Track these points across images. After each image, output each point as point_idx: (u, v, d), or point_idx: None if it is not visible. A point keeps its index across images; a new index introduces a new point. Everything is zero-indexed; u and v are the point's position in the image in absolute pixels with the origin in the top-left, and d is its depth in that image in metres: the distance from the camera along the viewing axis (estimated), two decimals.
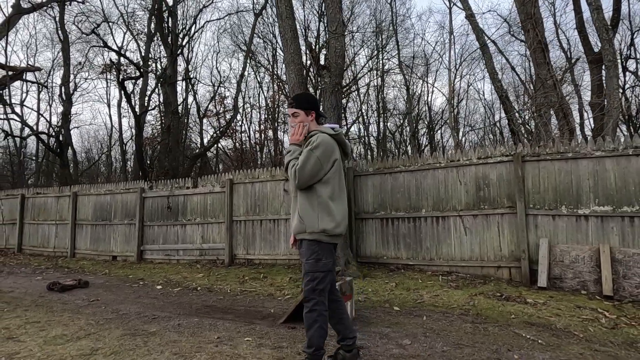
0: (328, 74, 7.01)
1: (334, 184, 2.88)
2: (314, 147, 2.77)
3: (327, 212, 2.80)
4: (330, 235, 2.80)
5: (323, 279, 2.77)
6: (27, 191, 13.19)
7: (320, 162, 2.77)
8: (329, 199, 2.83)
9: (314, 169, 2.76)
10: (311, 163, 2.75)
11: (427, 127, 25.81)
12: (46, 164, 28.18)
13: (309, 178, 2.77)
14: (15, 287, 7.11)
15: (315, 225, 2.78)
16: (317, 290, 2.75)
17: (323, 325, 2.76)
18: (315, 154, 2.76)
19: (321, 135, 2.85)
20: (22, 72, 18.92)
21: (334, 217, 2.81)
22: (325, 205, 2.80)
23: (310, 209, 2.81)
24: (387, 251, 7.47)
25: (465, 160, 6.95)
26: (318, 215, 2.79)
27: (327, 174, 2.84)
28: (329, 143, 2.84)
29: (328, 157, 2.82)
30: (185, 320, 4.61)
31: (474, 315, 4.70)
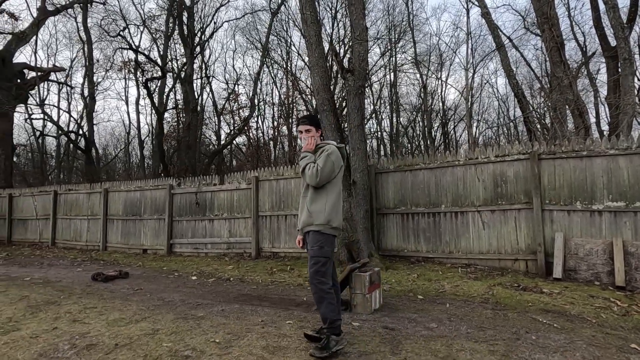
0: (352, 77, 7.39)
1: (340, 186, 3.49)
2: (330, 153, 3.38)
3: (333, 208, 3.37)
4: (333, 227, 3.36)
5: (325, 263, 3.29)
6: (59, 188, 13.85)
7: (334, 165, 3.37)
8: (336, 198, 3.42)
9: (330, 171, 3.35)
10: (329, 165, 3.34)
11: (441, 123, 25.98)
12: (67, 161, 29.05)
13: (326, 178, 3.35)
14: (61, 277, 7.66)
15: (323, 219, 3.32)
16: (320, 272, 3.26)
17: (331, 300, 3.24)
18: (331, 158, 3.36)
19: (332, 147, 3.48)
20: (48, 72, 19.66)
21: (338, 213, 3.41)
22: (333, 203, 3.38)
23: (321, 205, 3.36)
24: (408, 244, 7.85)
25: (483, 158, 7.28)
26: (326, 210, 3.34)
27: (336, 176, 3.44)
28: (338, 152, 3.47)
29: (339, 162, 3.44)
30: (227, 307, 5.06)
31: (494, 303, 5.07)
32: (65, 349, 3.66)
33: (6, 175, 16.40)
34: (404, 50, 23.68)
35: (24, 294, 5.89)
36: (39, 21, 18.00)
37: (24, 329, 4.30)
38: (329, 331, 3.21)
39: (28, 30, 18.27)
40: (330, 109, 7.63)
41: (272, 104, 27.13)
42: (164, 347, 3.52)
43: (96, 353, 3.52)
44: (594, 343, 3.53)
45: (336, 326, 3.22)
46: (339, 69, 7.62)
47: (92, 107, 20.94)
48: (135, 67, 20.70)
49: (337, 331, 3.23)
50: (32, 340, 3.94)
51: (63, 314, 4.78)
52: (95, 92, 24.25)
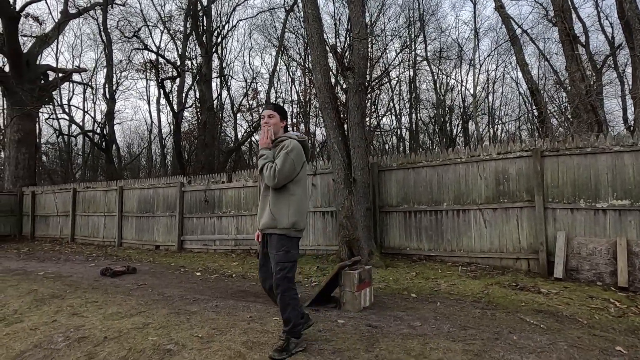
0: (352, 75, 7.40)
1: (303, 184, 3.29)
2: (289, 151, 3.14)
3: (297, 209, 3.18)
4: (298, 230, 3.19)
5: (291, 268, 3.15)
6: (78, 185, 14.35)
7: (294, 163, 3.14)
8: (300, 199, 3.22)
9: (290, 170, 3.12)
10: (288, 165, 3.11)
11: (461, 118, 25.54)
12: (92, 159, 29.97)
13: (286, 178, 3.13)
14: (72, 272, 7.96)
15: (287, 222, 3.12)
16: (286, 277, 3.11)
17: (295, 306, 3.15)
18: (291, 156, 3.13)
19: (292, 141, 3.22)
20: (70, 73, 20.32)
21: (302, 213, 3.21)
22: (296, 203, 3.18)
23: (284, 207, 3.15)
24: (410, 243, 7.82)
25: (485, 155, 7.17)
26: (289, 212, 3.14)
27: (299, 174, 3.22)
28: (299, 147, 3.23)
29: (300, 159, 3.20)
30: (222, 302, 5.18)
31: (485, 302, 5.02)
32: (58, 341, 3.84)
33: (30, 173, 17.07)
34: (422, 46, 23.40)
35: (33, 287, 6.16)
36: (60, 24, 18.61)
37: (26, 321, 4.52)
38: (290, 334, 3.17)
39: (51, 32, 18.92)
40: (332, 107, 7.65)
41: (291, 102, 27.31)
42: (149, 341, 3.65)
43: (85, 345, 3.68)
44: (577, 344, 3.47)
45: (297, 330, 3.21)
46: (338, 66, 7.64)
47: (112, 108, 21.54)
48: (152, 67, 21.16)
49: (297, 335, 3.22)
50: (30, 332, 4.15)
51: (65, 308, 5.00)
52: (115, 93, 24.92)
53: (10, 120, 16.43)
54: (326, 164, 8.99)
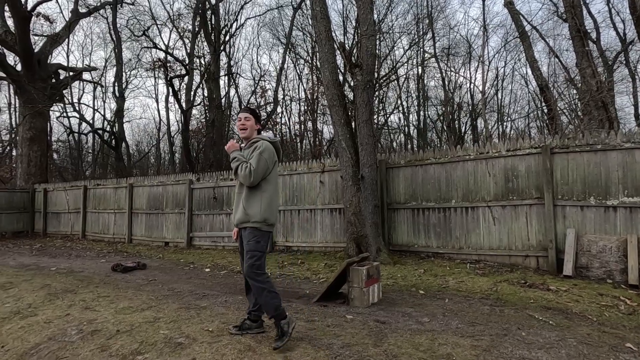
0: (360, 72, 7.40)
1: (274, 182, 3.51)
2: (262, 151, 3.37)
3: (269, 207, 3.42)
4: (269, 224, 3.42)
5: (260, 257, 3.35)
6: (88, 183, 14.52)
7: (267, 162, 3.38)
8: (271, 196, 3.46)
9: (263, 168, 3.36)
10: (262, 164, 3.34)
11: (470, 116, 25.39)
12: (101, 157, 30.27)
13: (260, 176, 3.35)
14: (84, 268, 8.09)
15: (259, 217, 3.36)
16: (256, 265, 3.32)
17: (270, 289, 3.31)
18: (264, 156, 3.36)
19: (264, 142, 3.46)
20: (81, 72, 20.53)
21: (273, 210, 3.46)
22: (269, 201, 3.42)
23: (257, 204, 3.39)
24: (418, 240, 7.82)
25: (494, 152, 7.14)
26: (262, 209, 3.37)
27: (271, 173, 3.45)
28: (271, 147, 3.47)
29: (272, 159, 3.44)
30: (231, 298, 5.24)
31: (494, 299, 5.02)
32: (72, 334, 3.91)
33: (42, 170, 17.31)
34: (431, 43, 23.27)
35: (46, 282, 6.27)
36: (71, 23, 18.81)
37: (40, 314, 4.61)
38: (277, 318, 3.30)
39: (61, 32, 19.13)
40: (340, 104, 7.67)
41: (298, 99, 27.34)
42: (160, 334, 3.71)
43: (99, 338, 3.75)
44: (586, 341, 3.47)
45: (280, 311, 3.31)
46: (346, 63, 7.65)
47: (121, 106, 21.74)
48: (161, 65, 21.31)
49: (283, 315, 3.32)
50: (45, 325, 4.23)
51: (77, 302, 5.08)
52: (125, 91, 25.13)
53: (23, 119, 16.66)
54: (334, 161, 9.01)
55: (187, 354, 3.29)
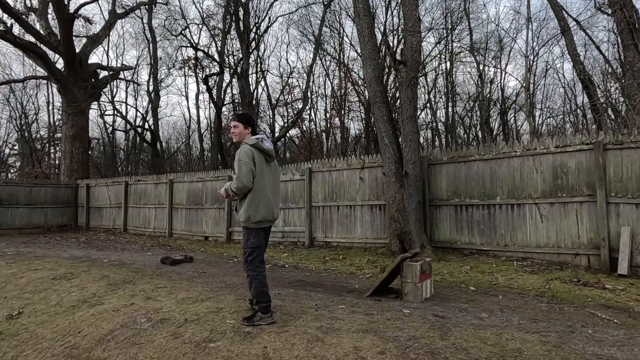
0: (405, 69, 7.40)
1: (263, 181, 3.72)
2: (240, 157, 3.64)
3: (251, 205, 3.66)
4: (255, 222, 3.68)
5: (251, 252, 3.74)
6: (129, 178, 15.02)
7: (247, 164, 3.60)
8: (254, 195, 3.68)
9: (245, 170, 3.59)
10: (242, 168, 3.59)
11: (500, 112, 24.90)
12: (135, 154, 31.17)
13: (246, 177, 3.59)
14: (134, 260, 8.40)
15: (244, 217, 3.68)
16: (247, 260, 3.75)
17: (258, 283, 3.74)
18: (242, 160, 3.62)
19: (242, 147, 3.71)
20: (118, 71, 21.18)
21: (257, 207, 3.68)
22: (250, 201, 3.67)
23: (241, 205, 3.71)
24: (461, 237, 7.78)
25: (542, 148, 7.03)
26: (245, 209, 3.67)
27: (261, 171, 3.69)
28: (246, 148, 3.68)
29: (249, 157, 3.64)
30: (283, 291, 5.37)
31: (549, 297, 4.97)
32: (142, 322, 4.11)
33: (84, 167, 17.99)
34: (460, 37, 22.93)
35: (104, 273, 6.56)
36: (110, 24, 19.43)
37: (107, 303, 4.85)
38: (259, 309, 3.74)
39: (100, 32, 19.79)
40: (383, 101, 7.69)
41: (325, 96, 27.42)
42: (228, 324, 3.86)
43: (169, 326, 3.92)
44: None
45: (263, 306, 3.73)
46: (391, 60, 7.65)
47: (156, 103, 22.32)
48: (195, 64, 21.74)
49: (264, 310, 3.73)
50: (114, 313, 4.46)
51: (138, 292, 5.31)
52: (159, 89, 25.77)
53: (67, 117, 17.34)
54: (374, 157, 9.05)
55: (258, 343, 3.41)
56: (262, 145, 3.78)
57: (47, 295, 5.47)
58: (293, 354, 3.21)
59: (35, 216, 15.31)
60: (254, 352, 3.28)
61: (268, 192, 3.78)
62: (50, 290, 5.70)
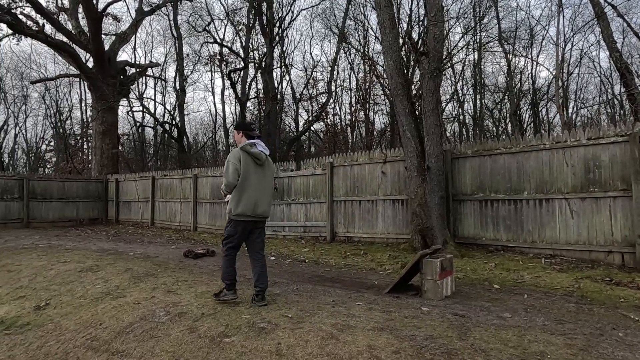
0: (427, 60, 7.19)
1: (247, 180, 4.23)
2: (228, 159, 4.29)
3: (232, 200, 4.25)
4: (234, 214, 4.25)
5: (226, 238, 4.38)
6: (156, 173, 15.35)
7: (234, 165, 4.19)
8: (237, 192, 4.22)
9: (231, 171, 4.19)
10: (229, 168, 4.21)
11: (531, 103, 24.03)
12: (163, 149, 31.86)
13: (231, 176, 4.19)
14: (158, 253, 8.57)
15: (227, 209, 4.31)
16: (225, 246, 4.40)
17: (226, 266, 4.36)
18: (229, 161, 4.24)
19: (232, 150, 4.37)
20: (146, 68, 21.63)
21: (238, 202, 4.22)
22: (232, 196, 4.25)
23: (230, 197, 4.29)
24: (486, 232, 7.55)
25: (572, 141, 6.70)
26: (229, 201, 4.29)
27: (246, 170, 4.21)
28: (235, 152, 4.28)
29: (236, 159, 4.21)
30: (301, 286, 5.34)
31: (579, 296, 4.74)
32: (160, 315, 4.16)
33: (113, 162, 18.52)
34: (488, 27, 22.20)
35: (128, 266, 6.71)
36: (137, 21, 19.83)
37: (128, 296, 4.95)
38: (225, 287, 4.39)
39: (128, 30, 20.24)
40: (405, 93, 7.51)
41: (349, 89, 27.20)
42: (243, 319, 3.85)
43: (186, 320, 3.96)
44: None
45: (227, 284, 4.37)
46: (413, 51, 7.46)
47: (182, 99, 22.70)
48: (220, 59, 21.95)
49: (228, 288, 4.37)
50: (134, 305, 4.54)
51: (159, 285, 5.40)
52: (185, 85, 26.18)
53: (97, 113, 17.86)
54: (396, 151, 8.88)
55: (272, 339, 3.39)
56: (249, 149, 4.28)
57: (73, 287, 5.64)
58: (306, 351, 3.18)
59: (67, 210, 15.88)
60: (267, 348, 3.26)
61: (252, 191, 4.27)
62: (77, 282, 5.88)
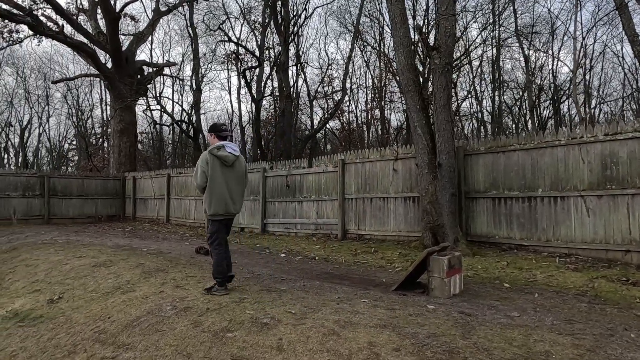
0: (438, 55, 7.08)
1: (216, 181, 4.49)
2: (198, 162, 4.57)
3: (207, 198, 4.53)
4: (209, 214, 4.55)
5: (211, 237, 4.66)
6: (171, 171, 15.57)
7: (201, 167, 4.49)
8: (211, 189, 4.49)
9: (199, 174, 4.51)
10: (197, 171, 4.54)
11: (552, 100, 23.47)
12: (180, 147, 32.31)
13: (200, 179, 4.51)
14: (171, 249, 8.68)
15: (205, 208, 4.60)
16: (212, 245, 4.66)
17: (215, 263, 4.60)
18: (198, 164, 4.55)
19: (201, 155, 4.61)
20: (162, 67, 21.93)
21: (211, 202, 4.50)
22: (208, 194, 4.50)
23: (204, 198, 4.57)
24: (499, 231, 7.41)
25: (589, 137, 6.51)
26: (204, 203, 4.58)
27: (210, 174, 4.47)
28: (204, 155, 4.55)
29: (203, 162, 4.50)
30: (308, 283, 5.33)
31: (592, 296, 4.61)
32: (167, 309, 4.21)
33: (131, 160, 18.85)
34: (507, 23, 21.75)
35: (140, 262, 6.81)
36: (153, 21, 20.12)
37: (138, 290, 5.03)
38: (216, 283, 4.61)
39: (145, 30, 20.55)
40: (416, 89, 7.43)
41: (365, 87, 27.06)
42: (247, 314, 3.87)
43: (191, 314, 4.00)
44: None
45: (218, 280, 4.60)
46: (423, 46, 7.35)
47: (198, 98, 22.94)
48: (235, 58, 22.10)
49: (220, 284, 4.60)
50: (143, 300, 4.61)
51: (169, 280, 5.46)
52: (201, 84, 26.45)
53: (114, 112, 18.21)
54: (408, 148, 8.79)
55: (274, 334, 3.39)
56: (216, 152, 4.52)
57: (86, 282, 5.76)
58: (307, 347, 3.17)
59: (86, 207, 16.24)
60: (268, 344, 3.26)
61: (221, 190, 4.52)
62: (90, 277, 6.00)
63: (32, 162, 35.35)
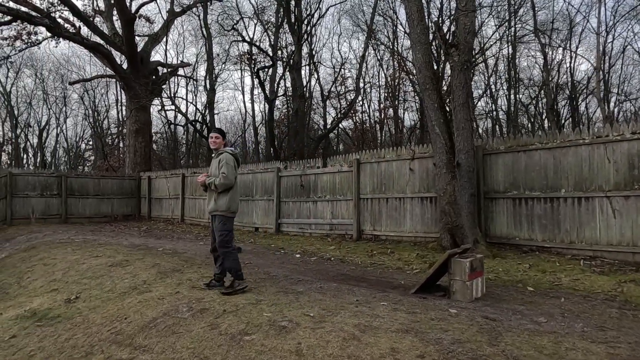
0: (457, 52, 6.93)
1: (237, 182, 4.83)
2: (227, 162, 4.71)
3: (232, 199, 4.76)
4: (232, 211, 4.77)
5: (227, 234, 4.72)
6: (186, 171, 15.63)
7: (233, 166, 4.74)
8: (234, 191, 4.78)
9: (232, 172, 4.70)
10: (230, 170, 4.68)
11: (569, 98, 22.97)
12: (194, 147, 32.49)
13: (232, 178, 4.69)
14: (186, 249, 8.68)
15: (224, 206, 4.72)
16: (225, 240, 4.69)
17: (234, 257, 4.70)
18: (230, 164, 4.73)
19: (226, 154, 4.78)
20: (177, 68, 22.07)
21: (234, 201, 4.79)
22: (231, 195, 4.75)
23: (224, 198, 4.72)
24: (520, 232, 7.22)
25: (615, 135, 6.29)
26: (227, 201, 4.72)
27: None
28: (230, 157, 4.78)
29: (231, 160, 4.74)
30: (325, 285, 5.24)
31: (622, 301, 4.43)
32: (183, 311, 4.16)
33: (146, 160, 19.00)
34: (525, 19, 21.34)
35: (156, 261, 6.81)
36: (168, 22, 20.25)
37: (154, 290, 5.00)
38: (235, 277, 4.67)
39: (160, 31, 20.71)
40: (433, 87, 7.28)
41: (378, 86, 26.85)
42: (264, 317, 3.79)
43: (208, 316, 3.94)
44: None
45: (239, 274, 4.68)
46: (442, 43, 7.21)
47: (212, 98, 23.05)
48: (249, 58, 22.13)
49: (240, 277, 4.69)
50: (159, 300, 4.57)
51: (184, 281, 5.43)
52: (215, 84, 26.55)
53: (130, 113, 18.37)
54: (424, 147, 8.64)
55: (292, 338, 3.31)
56: (237, 155, 4.91)
57: (102, 282, 5.76)
58: (327, 352, 3.08)
59: (103, 206, 16.41)
60: (287, 348, 3.18)
61: (237, 189, 4.90)
62: (106, 276, 6.01)
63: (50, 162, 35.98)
